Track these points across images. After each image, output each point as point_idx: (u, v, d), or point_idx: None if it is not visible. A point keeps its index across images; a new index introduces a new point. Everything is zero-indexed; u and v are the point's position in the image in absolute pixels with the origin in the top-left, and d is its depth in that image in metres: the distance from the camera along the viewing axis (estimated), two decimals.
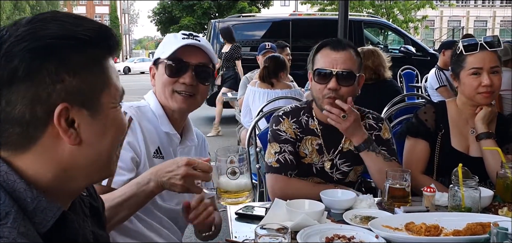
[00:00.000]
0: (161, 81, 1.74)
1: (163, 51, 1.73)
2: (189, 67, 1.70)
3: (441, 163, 2.23)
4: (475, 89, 2.13)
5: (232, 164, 1.48)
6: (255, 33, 10.83)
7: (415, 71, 8.86)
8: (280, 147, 2.11)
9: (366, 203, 1.84)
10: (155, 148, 1.72)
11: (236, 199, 1.52)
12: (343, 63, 2.02)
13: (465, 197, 1.68)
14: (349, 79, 2.03)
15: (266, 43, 5.29)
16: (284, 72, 4.26)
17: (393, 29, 12.15)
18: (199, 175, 1.46)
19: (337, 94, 2.02)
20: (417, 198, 2.02)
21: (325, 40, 2.15)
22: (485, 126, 2.14)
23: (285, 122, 2.16)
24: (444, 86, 5.68)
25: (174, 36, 1.76)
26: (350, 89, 2.05)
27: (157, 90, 1.78)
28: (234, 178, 1.48)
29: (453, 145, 2.22)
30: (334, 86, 2.01)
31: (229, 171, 1.47)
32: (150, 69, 1.82)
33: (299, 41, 10.16)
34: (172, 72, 1.71)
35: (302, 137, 2.16)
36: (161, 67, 1.75)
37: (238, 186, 1.50)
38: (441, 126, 2.24)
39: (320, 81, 2.05)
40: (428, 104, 2.34)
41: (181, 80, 1.71)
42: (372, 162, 2.05)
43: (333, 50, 2.05)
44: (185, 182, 1.43)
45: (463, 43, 2.17)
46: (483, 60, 2.11)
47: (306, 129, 2.17)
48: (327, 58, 2.04)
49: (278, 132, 2.15)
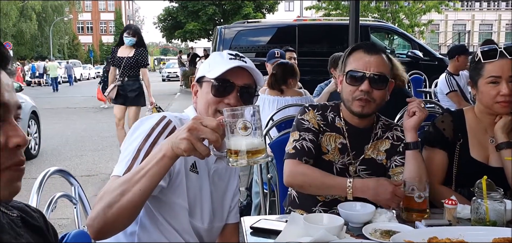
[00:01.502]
0: (205, 99, 1.72)
1: (210, 70, 1.71)
2: (235, 88, 1.69)
3: (460, 174, 2.18)
4: (493, 98, 2.07)
5: (242, 118, 1.33)
6: (260, 39, 10.82)
7: (423, 76, 8.82)
8: (300, 135, 2.13)
9: (386, 216, 1.78)
10: (192, 162, 1.69)
11: (251, 159, 1.34)
12: (377, 66, 2.04)
13: (489, 210, 1.62)
14: (382, 82, 2.05)
15: (275, 50, 5.24)
16: (293, 78, 4.20)
17: (400, 34, 12.09)
18: (205, 131, 1.33)
19: (369, 96, 2.03)
20: (437, 210, 1.97)
21: (358, 43, 2.20)
22: (505, 136, 2.08)
23: (310, 112, 2.20)
24: (454, 91, 5.64)
25: (220, 56, 1.75)
26: (382, 93, 2.06)
27: (199, 107, 1.76)
28: (246, 134, 1.33)
29: (472, 155, 2.16)
30: (366, 88, 2.02)
31: (240, 126, 1.33)
32: (192, 86, 1.82)
33: (305, 46, 10.15)
34: (218, 92, 1.69)
35: (325, 130, 2.16)
36: (206, 86, 1.73)
37: (252, 144, 1.34)
38: (460, 135, 2.19)
39: (353, 83, 2.06)
40: (445, 112, 2.28)
41: (226, 100, 1.68)
42: (417, 165, 2.02)
43: (367, 53, 2.07)
44: (190, 135, 1.32)
45: (481, 50, 2.11)
46: (502, 68, 2.05)
47: (331, 124, 2.18)
48: (361, 61, 2.06)
49: (301, 121, 2.18)
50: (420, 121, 1.99)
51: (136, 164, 1.52)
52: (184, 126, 1.36)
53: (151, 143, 1.58)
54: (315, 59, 9.69)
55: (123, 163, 1.55)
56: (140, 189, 1.38)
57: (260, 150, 1.35)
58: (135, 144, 1.58)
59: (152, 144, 1.57)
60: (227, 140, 1.36)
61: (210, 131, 1.34)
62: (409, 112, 2.01)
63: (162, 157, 1.37)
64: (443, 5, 23.90)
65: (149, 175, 1.38)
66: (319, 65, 9.45)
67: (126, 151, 1.58)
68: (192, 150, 1.33)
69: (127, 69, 6.71)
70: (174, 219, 1.67)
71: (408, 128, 2.02)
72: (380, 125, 2.20)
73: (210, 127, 1.34)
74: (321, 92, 4.79)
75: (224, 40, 10.31)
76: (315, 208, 2.21)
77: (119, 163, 1.57)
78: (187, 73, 23.91)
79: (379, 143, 2.17)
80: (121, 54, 6.78)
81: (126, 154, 1.58)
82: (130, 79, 6.75)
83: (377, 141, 2.17)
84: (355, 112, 2.09)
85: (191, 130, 1.33)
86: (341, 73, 2.14)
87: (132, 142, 1.60)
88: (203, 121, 1.35)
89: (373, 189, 1.91)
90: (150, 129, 1.61)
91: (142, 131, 1.61)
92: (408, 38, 11.83)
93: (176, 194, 1.65)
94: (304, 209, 2.24)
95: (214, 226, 1.82)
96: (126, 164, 1.54)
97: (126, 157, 1.56)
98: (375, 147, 2.16)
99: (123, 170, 1.52)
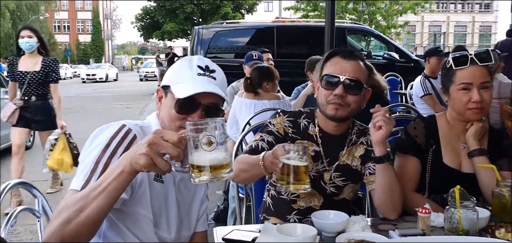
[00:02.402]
0: (168, 113, 1.64)
1: (176, 84, 1.62)
2: (200, 107, 1.61)
3: (433, 180, 2.18)
4: (465, 104, 2.08)
5: (207, 133, 1.25)
6: (239, 39, 10.76)
7: (399, 78, 8.90)
8: (260, 136, 2.13)
9: (359, 225, 1.76)
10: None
11: (214, 175, 1.28)
12: (352, 71, 2.03)
13: (462, 219, 1.62)
14: (356, 88, 2.04)
15: (252, 52, 5.20)
16: (269, 81, 4.16)
17: (376, 36, 12.19)
18: (166, 146, 1.27)
19: (343, 101, 2.02)
20: (411, 217, 1.97)
21: (336, 48, 2.19)
22: (477, 142, 2.10)
23: (279, 118, 2.19)
24: (429, 95, 5.68)
25: (189, 68, 1.64)
26: (356, 98, 2.05)
27: (162, 116, 1.69)
28: (210, 149, 1.26)
29: (444, 161, 2.16)
30: (341, 92, 2.02)
31: (204, 141, 1.25)
32: (158, 91, 1.74)
33: (284, 48, 10.15)
34: (182, 110, 1.61)
35: (296, 139, 2.14)
36: (170, 98, 1.64)
37: (216, 159, 1.27)
38: (432, 142, 2.19)
39: (328, 87, 2.06)
40: (417, 118, 2.28)
41: (190, 118, 1.60)
42: (389, 178, 1.98)
43: (343, 59, 2.07)
44: (150, 150, 1.26)
45: (453, 57, 2.12)
46: (473, 75, 2.06)
47: (303, 132, 2.16)
48: (337, 66, 2.06)
49: (268, 124, 2.19)
50: (387, 134, 1.92)
51: (94, 177, 1.46)
52: (144, 140, 1.30)
53: (110, 154, 1.51)
54: (293, 61, 9.69)
55: (81, 176, 1.48)
56: (98, 206, 1.33)
57: (224, 165, 1.30)
58: (93, 155, 1.51)
59: (111, 155, 1.51)
60: (190, 155, 1.29)
61: (171, 146, 1.28)
62: (375, 125, 1.93)
63: (120, 173, 1.32)
64: (419, 6, 24.26)
65: (107, 191, 1.33)
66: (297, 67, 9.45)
67: (84, 163, 1.52)
68: (152, 165, 1.28)
69: (34, 87, 5.21)
70: (139, 231, 1.61)
71: (376, 142, 1.94)
72: (355, 131, 2.19)
73: (171, 142, 1.28)
74: (298, 95, 4.78)
75: (202, 40, 10.22)
76: (289, 216, 2.19)
77: (77, 176, 1.50)
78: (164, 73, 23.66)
79: (353, 149, 2.16)
80: (24, 68, 5.18)
81: (84, 166, 1.51)
82: (38, 99, 5.26)
83: (352, 147, 2.16)
84: (328, 115, 2.07)
85: (151, 144, 1.28)
86: (318, 79, 2.13)
87: (90, 153, 1.53)
88: (164, 135, 1.29)
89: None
90: (109, 139, 1.54)
91: (100, 141, 1.54)
92: (384, 40, 11.94)
93: (139, 205, 1.59)
94: (279, 217, 2.23)
95: (182, 236, 1.78)
96: (84, 177, 1.47)
97: (84, 170, 1.49)
98: (350, 153, 2.15)
99: (81, 184, 1.45)
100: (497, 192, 1.87)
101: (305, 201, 2.16)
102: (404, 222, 1.92)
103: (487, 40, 55.27)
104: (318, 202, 2.16)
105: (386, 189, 1.97)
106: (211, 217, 4.51)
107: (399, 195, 1.98)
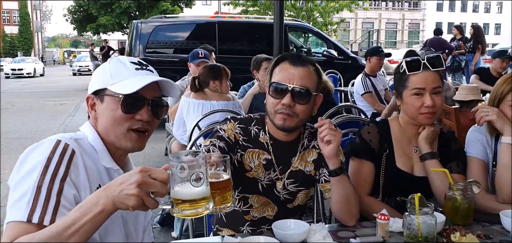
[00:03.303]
0: (112, 117, 1.54)
1: (114, 83, 1.54)
2: (146, 102, 1.55)
3: (387, 184, 2.21)
4: (418, 109, 2.12)
5: (194, 170, 1.27)
6: (179, 34, 10.55)
7: (338, 75, 9.10)
8: (210, 142, 2.01)
9: (320, 234, 1.75)
10: (96, 186, 1.51)
11: (195, 209, 1.29)
12: (300, 79, 1.96)
13: (421, 226, 1.65)
14: (305, 96, 1.96)
15: (198, 50, 5.09)
16: (217, 80, 4.06)
17: (316, 33, 12.40)
18: (156, 185, 1.25)
19: (291, 110, 1.95)
20: (368, 223, 1.98)
21: (285, 53, 2.09)
22: (428, 146, 2.15)
23: (230, 124, 2.09)
24: (369, 93, 5.85)
25: (123, 65, 1.59)
26: (305, 108, 1.98)
27: (103, 125, 1.57)
28: (198, 185, 1.27)
29: (398, 165, 2.20)
30: (288, 102, 1.94)
31: (194, 178, 1.26)
32: (88, 99, 1.62)
33: (225, 44, 10.07)
34: (128, 109, 1.53)
35: (247, 147, 2.06)
36: (110, 101, 1.54)
37: (202, 192, 1.28)
38: (386, 146, 2.22)
39: (275, 95, 1.97)
40: (371, 123, 2.30)
41: (138, 116, 1.54)
42: (344, 189, 1.96)
43: (292, 65, 1.98)
44: (140, 191, 1.22)
45: (406, 62, 2.15)
46: (425, 80, 2.10)
47: (254, 140, 2.08)
48: (285, 73, 1.97)
49: (219, 130, 2.08)
50: (337, 146, 1.89)
51: (39, 204, 1.34)
52: (130, 179, 1.24)
53: (51, 176, 1.39)
54: (235, 57, 9.66)
55: (22, 204, 1.34)
56: None
57: (207, 197, 1.30)
58: (31, 180, 1.38)
59: (53, 178, 1.39)
60: (172, 189, 1.27)
61: (161, 185, 1.26)
62: (323, 140, 1.90)
63: (100, 212, 1.26)
64: (354, 4, 25.00)
65: (83, 231, 1.26)
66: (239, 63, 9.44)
67: (22, 190, 1.37)
68: (141, 206, 1.24)
69: None
70: None
71: (327, 156, 1.92)
72: (307, 135, 2.14)
73: (160, 180, 1.26)
74: (245, 94, 4.74)
75: (141, 35, 9.91)
76: (242, 228, 2.13)
77: (15, 204, 1.36)
78: None
79: (306, 154, 2.12)
80: None
81: (22, 193, 1.37)
82: None
83: (304, 151, 2.12)
84: (277, 125, 2.01)
85: (140, 185, 1.23)
86: (267, 85, 2.06)
87: (26, 178, 1.39)
88: (152, 174, 1.25)
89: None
90: (46, 160, 1.41)
91: (36, 163, 1.41)
92: (323, 37, 12.18)
93: None
94: (232, 228, 2.16)
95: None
96: (28, 206, 1.34)
97: (24, 196, 1.35)
98: (302, 158, 2.11)
99: (26, 214, 1.33)
100: (450, 195, 1.93)
101: (259, 212, 2.11)
102: (362, 228, 1.93)
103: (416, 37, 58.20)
104: (272, 212, 2.11)
105: (342, 200, 1.97)
106: (157, 220, 4.37)
107: (356, 203, 1.98)
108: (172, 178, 1.27)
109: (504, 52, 7.01)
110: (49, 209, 1.35)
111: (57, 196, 1.38)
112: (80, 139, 1.56)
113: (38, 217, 1.33)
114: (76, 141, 1.52)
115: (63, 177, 1.41)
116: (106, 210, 1.26)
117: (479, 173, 2.17)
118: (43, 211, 1.34)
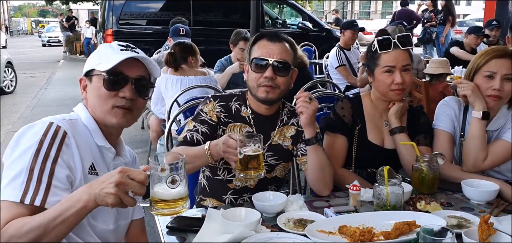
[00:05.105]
0: (97, 95, 1.63)
1: (99, 63, 1.63)
2: (129, 80, 1.63)
3: (359, 156, 2.35)
4: (388, 86, 2.24)
5: (172, 172, 1.39)
6: (152, 5, 10.41)
7: (313, 47, 9.20)
8: (194, 126, 2.17)
9: (297, 204, 1.87)
10: (90, 164, 1.61)
11: (173, 209, 1.42)
12: (279, 54, 2.11)
13: (390, 196, 1.78)
14: (285, 69, 2.11)
15: (179, 27, 5.09)
16: (193, 56, 4.15)
17: (290, 4, 12.43)
18: (133, 185, 1.36)
19: (273, 83, 2.09)
20: (340, 193, 2.12)
21: (262, 31, 2.24)
22: (398, 121, 2.28)
23: (210, 104, 2.21)
24: (343, 66, 5.98)
25: (110, 47, 1.68)
26: (285, 80, 2.13)
27: (91, 104, 1.67)
28: (174, 187, 1.39)
29: (369, 138, 2.33)
30: (270, 74, 2.08)
31: (170, 180, 1.38)
32: (80, 81, 1.71)
33: (200, 15, 10.01)
34: (111, 85, 1.62)
35: (228, 122, 2.19)
36: (97, 80, 1.64)
37: (179, 193, 1.41)
38: (358, 121, 2.34)
39: (257, 70, 2.12)
40: (345, 99, 2.42)
41: (121, 94, 1.63)
42: (318, 158, 2.09)
43: (270, 41, 2.14)
44: (118, 190, 1.34)
45: (377, 41, 2.26)
46: (396, 58, 2.22)
47: (235, 115, 2.21)
48: (264, 49, 2.12)
49: (200, 112, 2.21)
50: (309, 117, 2.02)
51: (31, 186, 1.44)
52: (110, 178, 1.35)
53: (43, 158, 1.47)
54: (209, 29, 9.64)
55: (16, 185, 1.43)
56: (58, 236, 1.40)
57: (184, 198, 1.43)
58: (24, 162, 1.46)
59: (44, 160, 1.47)
60: (152, 189, 1.39)
61: (138, 185, 1.37)
62: (297, 111, 2.05)
63: (82, 208, 1.39)
64: None
65: (68, 222, 1.39)
66: (213, 35, 9.45)
67: (15, 170, 1.46)
68: (120, 204, 1.36)
69: None
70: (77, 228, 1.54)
71: (303, 126, 2.07)
72: (286, 112, 2.27)
73: (138, 180, 1.37)
74: (221, 68, 4.79)
75: (114, 6, 9.75)
76: (225, 196, 2.24)
77: (9, 184, 1.44)
78: (70, 38, 22.30)
79: (285, 129, 2.25)
80: None
81: (15, 173, 1.45)
82: None
83: (283, 127, 2.25)
84: (260, 98, 2.14)
85: (118, 184, 1.34)
86: (247, 62, 2.18)
87: (19, 159, 1.47)
88: (130, 174, 1.36)
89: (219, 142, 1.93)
90: (38, 142, 1.49)
91: (28, 145, 1.48)
92: (298, 9, 12.23)
93: None
94: (215, 197, 2.27)
95: (120, 225, 1.77)
96: (21, 187, 1.43)
97: (18, 177, 1.44)
98: (281, 133, 2.24)
99: (19, 195, 1.42)
100: (417, 167, 2.07)
101: (241, 181, 2.23)
102: (335, 198, 2.06)
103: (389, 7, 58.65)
104: (253, 182, 2.23)
105: (317, 168, 2.10)
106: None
107: (330, 173, 2.11)
108: (152, 179, 1.39)
109: (479, 28, 7.26)
110: (40, 190, 1.44)
111: (49, 178, 1.46)
112: (74, 119, 1.64)
113: (30, 199, 1.43)
114: (69, 122, 1.59)
115: (54, 158, 1.49)
116: (88, 206, 1.39)
117: (445, 145, 2.31)
118: (35, 193, 1.44)
